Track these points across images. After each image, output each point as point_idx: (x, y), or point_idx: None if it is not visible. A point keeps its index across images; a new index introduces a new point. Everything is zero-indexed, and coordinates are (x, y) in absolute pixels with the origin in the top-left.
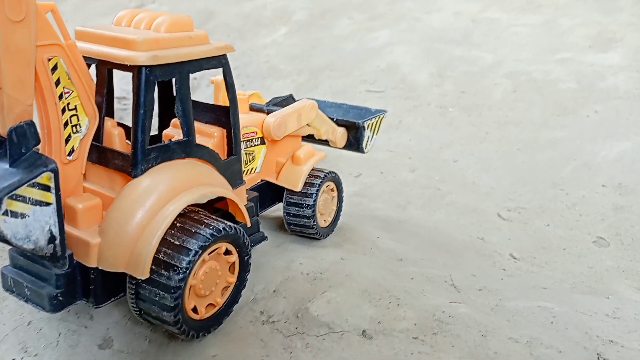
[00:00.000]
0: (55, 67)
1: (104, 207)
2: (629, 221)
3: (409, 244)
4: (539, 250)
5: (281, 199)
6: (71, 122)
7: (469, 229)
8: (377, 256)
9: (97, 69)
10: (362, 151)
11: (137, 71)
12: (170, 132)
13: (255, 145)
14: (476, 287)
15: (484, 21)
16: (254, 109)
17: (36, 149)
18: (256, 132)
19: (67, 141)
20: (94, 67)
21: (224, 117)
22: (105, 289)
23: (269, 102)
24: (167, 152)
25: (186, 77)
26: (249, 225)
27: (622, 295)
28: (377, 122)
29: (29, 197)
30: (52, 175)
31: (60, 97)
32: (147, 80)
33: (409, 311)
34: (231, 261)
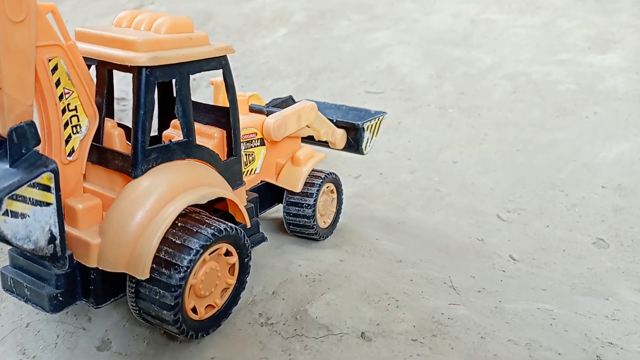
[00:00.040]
0: (55, 68)
1: (104, 208)
2: (628, 222)
3: (408, 245)
4: (539, 251)
5: (281, 200)
6: (71, 123)
7: (468, 230)
8: (376, 258)
9: (97, 70)
10: (361, 152)
11: (138, 72)
12: (170, 133)
13: (255, 146)
14: (475, 288)
15: (483, 22)
16: (254, 110)
17: (36, 150)
18: (256, 133)
19: (67, 142)
20: (94, 67)
21: (223, 118)
22: (105, 289)
23: (269, 103)
24: (167, 153)
25: (186, 78)
26: (249, 226)
27: (621, 296)
28: (377, 123)
29: (29, 197)
30: (52, 175)
31: (60, 98)
32: (148, 81)
33: (408, 313)
34: (231, 262)
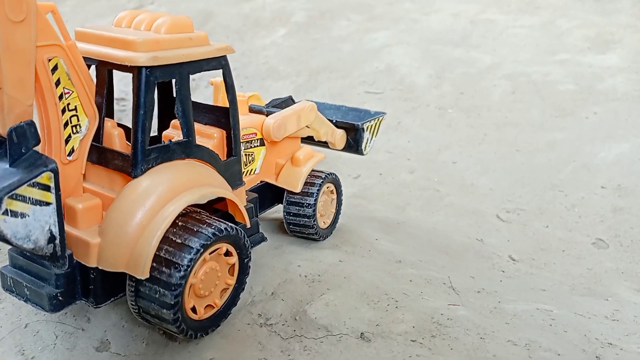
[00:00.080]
0: (55, 68)
1: (103, 208)
2: (628, 223)
3: (407, 245)
4: (538, 251)
5: (280, 201)
6: (71, 123)
7: (467, 231)
8: (375, 258)
9: (97, 70)
10: (361, 153)
11: (137, 72)
12: (170, 133)
13: (254, 146)
14: (475, 289)
15: (483, 22)
16: (254, 110)
17: (36, 149)
18: (256, 134)
19: (67, 141)
20: (94, 67)
21: (223, 118)
22: (105, 289)
23: (269, 103)
24: (167, 153)
25: (186, 78)
26: (249, 226)
27: (621, 297)
28: (376, 124)
29: (29, 197)
30: (52, 175)
31: (60, 98)
32: (147, 81)
33: (408, 314)
34: (231, 263)
